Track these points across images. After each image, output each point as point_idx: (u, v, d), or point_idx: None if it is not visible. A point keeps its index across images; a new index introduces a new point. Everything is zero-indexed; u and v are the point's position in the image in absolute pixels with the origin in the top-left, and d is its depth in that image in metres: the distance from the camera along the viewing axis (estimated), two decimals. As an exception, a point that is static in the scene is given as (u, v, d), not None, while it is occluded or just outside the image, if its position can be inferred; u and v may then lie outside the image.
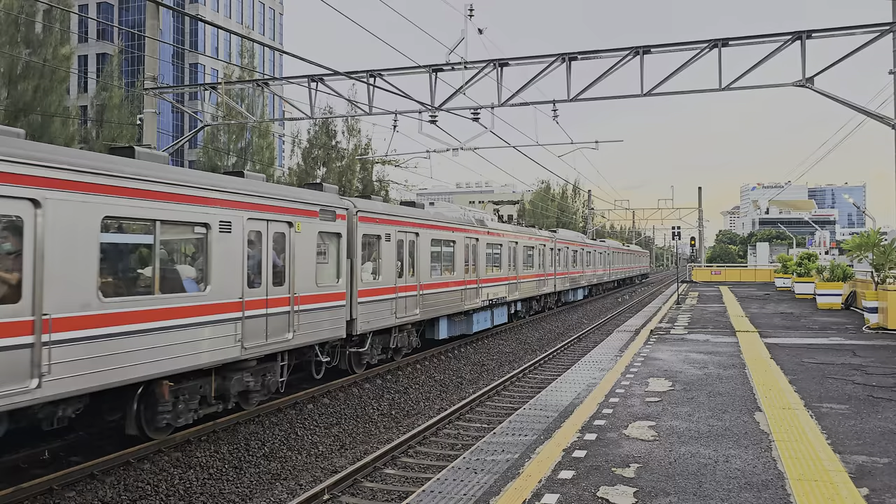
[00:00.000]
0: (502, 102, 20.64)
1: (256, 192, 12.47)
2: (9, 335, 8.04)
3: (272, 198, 12.91)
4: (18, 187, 8.24)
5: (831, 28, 17.82)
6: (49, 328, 8.45)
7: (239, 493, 10.22)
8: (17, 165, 8.22)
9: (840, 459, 7.38)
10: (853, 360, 14.14)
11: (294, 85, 22.80)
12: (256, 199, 12.43)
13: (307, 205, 14.03)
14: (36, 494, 8.97)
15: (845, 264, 29.71)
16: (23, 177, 8.29)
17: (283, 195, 13.35)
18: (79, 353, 8.85)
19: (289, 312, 13.17)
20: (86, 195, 9.10)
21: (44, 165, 8.56)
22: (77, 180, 8.98)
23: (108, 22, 67.76)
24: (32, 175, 8.40)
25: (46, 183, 8.57)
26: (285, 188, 14.00)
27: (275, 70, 74.07)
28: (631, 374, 12.71)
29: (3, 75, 30.27)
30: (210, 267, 11.23)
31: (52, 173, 8.64)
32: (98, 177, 9.28)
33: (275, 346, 12.77)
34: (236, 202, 11.88)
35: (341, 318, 15.06)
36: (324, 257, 14.83)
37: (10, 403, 8.05)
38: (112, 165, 9.62)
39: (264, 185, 13.04)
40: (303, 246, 13.71)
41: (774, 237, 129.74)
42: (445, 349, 21.78)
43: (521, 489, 6.60)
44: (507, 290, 27.47)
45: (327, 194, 15.11)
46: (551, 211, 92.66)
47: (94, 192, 9.20)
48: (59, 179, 8.73)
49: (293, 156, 49.93)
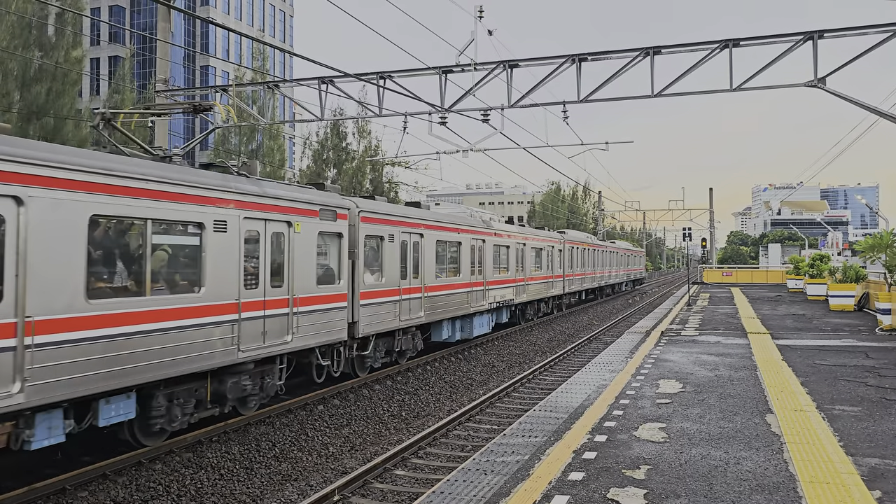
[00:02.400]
0: (512, 104, 20.64)
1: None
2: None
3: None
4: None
5: (843, 28, 17.71)
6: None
7: (250, 493, 10.26)
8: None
9: (852, 462, 7.34)
10: (866, 361, 14.05)
11: (304, 87, 22.87)
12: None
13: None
14: (49, 494, 9.04)
15: (858, 265, 29.54)
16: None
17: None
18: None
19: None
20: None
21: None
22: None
23: (119, 25, 68.22)
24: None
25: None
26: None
27: (285, 72, 74.32)
28: (641, 375, 12.67)
29: (17, 78, 30.51)
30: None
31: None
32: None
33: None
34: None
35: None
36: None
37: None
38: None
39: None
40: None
41: (786, 238, 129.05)
42: (454, 350, 21.77)
43: (531, 490, 6.60)
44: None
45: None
46: (562, 212, 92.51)
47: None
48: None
49: (304, 158, 50.13)
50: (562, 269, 35.71)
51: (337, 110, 44.34)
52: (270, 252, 12.55)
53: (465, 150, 26.76)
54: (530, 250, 29.95)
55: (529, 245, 29.83)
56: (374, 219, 16.57)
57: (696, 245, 56.49)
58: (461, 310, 21.78)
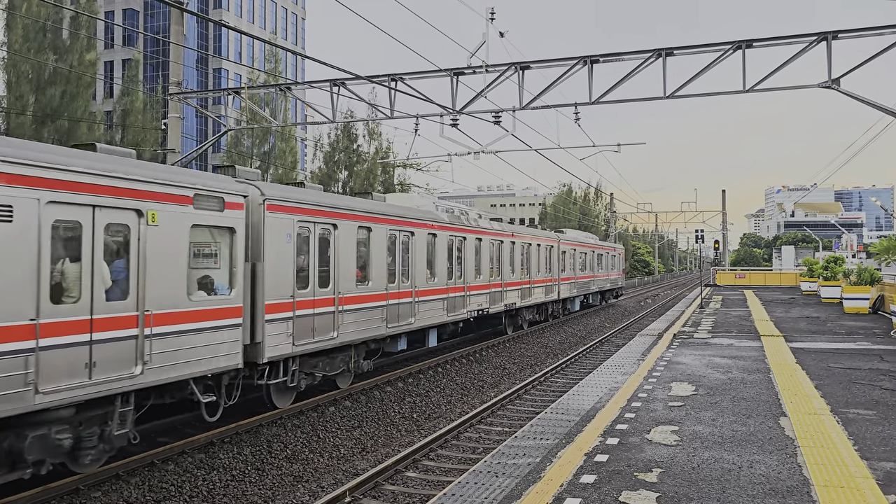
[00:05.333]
0: (524, 105, 20.61)
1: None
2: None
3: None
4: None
5: (858, 28, 17.57)
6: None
7: (261, 494, 10.29)
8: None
9: (867, 466, 7.27)
10: (881, 365, 13.93)
11: (316, 89, 22.94)
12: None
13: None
14: (63, 494, 9.11)
15: (873, 268, 29.31)
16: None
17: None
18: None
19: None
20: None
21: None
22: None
23: (133, 28, 68.69)
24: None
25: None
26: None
27: (297, 74, 74.60)
28: (654, 378, 12.62)
29: (32, 81, 30.81)
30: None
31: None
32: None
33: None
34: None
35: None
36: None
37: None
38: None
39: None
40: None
41: (800, 240, 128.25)
42: (466, 353, 21.74)
43: (542, 493, 6.58)
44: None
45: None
46: (573, 214, 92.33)
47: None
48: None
49: (315, 160, 50.31)
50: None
51: (348, 112, 44.45)
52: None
53: (477, 152, 26.72)
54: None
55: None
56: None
57: (709, 247, 56.24)
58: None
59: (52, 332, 8.45)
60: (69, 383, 8.60)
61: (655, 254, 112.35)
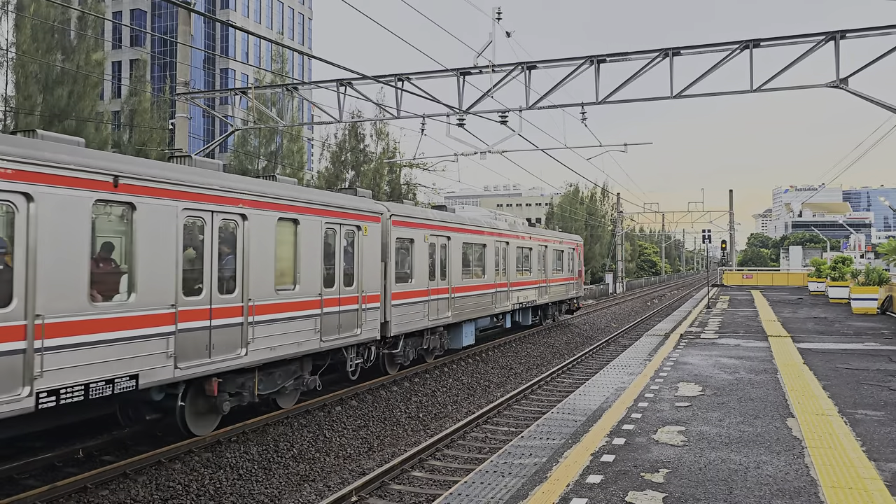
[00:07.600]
0: (530, 105, 20.58)
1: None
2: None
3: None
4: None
5: (866, 28, 17.50)
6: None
7: (268, 493, 10.31)
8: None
9: (875, 467, 7.24)
10: (889, 365, 13.86)
11: (323, 89, 22.96)
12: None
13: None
14: (70, 493, 9.13)
15: (881, 268, 29.17)
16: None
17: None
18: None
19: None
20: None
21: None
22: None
23: (140, 28, 68.92)
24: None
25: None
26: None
27: (304, 74, 74.71)
28: (660, 378, 12.59)
29: (40, 81, 30.92)
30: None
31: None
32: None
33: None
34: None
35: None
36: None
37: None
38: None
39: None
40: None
41: (808, 240, 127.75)
42: (472, 353, 21.75)
43: (548, 493, 6.57)
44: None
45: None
46: (580, 214, 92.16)
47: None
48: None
49: (322, 159, 50.32)
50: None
51: (355, 112, 44.46)
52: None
53: (483, 152, 26.69)
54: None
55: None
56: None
57: (716, 247, 56.05)
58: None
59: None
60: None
61: (662, 254, 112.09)
